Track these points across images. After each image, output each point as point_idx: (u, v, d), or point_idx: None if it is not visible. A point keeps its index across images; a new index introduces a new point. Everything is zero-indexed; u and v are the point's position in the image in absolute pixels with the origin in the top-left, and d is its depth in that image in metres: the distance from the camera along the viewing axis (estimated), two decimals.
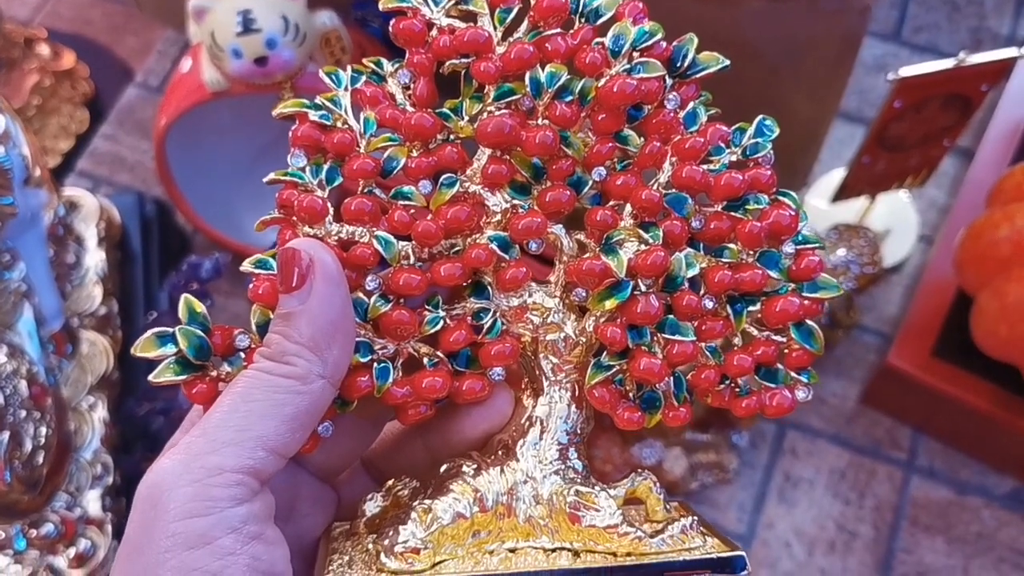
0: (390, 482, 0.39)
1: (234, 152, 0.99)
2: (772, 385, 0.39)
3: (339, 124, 0.38)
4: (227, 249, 0.95)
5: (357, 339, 0.37)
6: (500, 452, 0.39)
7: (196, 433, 0.33)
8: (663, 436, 0.91)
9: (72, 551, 0.77)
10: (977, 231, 0.85)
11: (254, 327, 0.37)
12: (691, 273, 0.38)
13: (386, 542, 0.35)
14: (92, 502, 0.79)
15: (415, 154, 0.38)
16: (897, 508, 0.94)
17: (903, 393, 0.94)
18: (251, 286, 0.36)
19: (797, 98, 0.81)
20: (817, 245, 0.39)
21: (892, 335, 0.98)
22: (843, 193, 0.93)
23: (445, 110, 0.39)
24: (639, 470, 0.39)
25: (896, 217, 1.04)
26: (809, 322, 0.39)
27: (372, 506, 0.39)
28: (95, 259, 0.89)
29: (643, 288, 0.37)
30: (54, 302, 0.83)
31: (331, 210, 0.37)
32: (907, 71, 0.78)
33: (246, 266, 0.37)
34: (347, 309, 0.35)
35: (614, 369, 0.38)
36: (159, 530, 0.31)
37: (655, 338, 0.38)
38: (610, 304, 0.37)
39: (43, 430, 0.74)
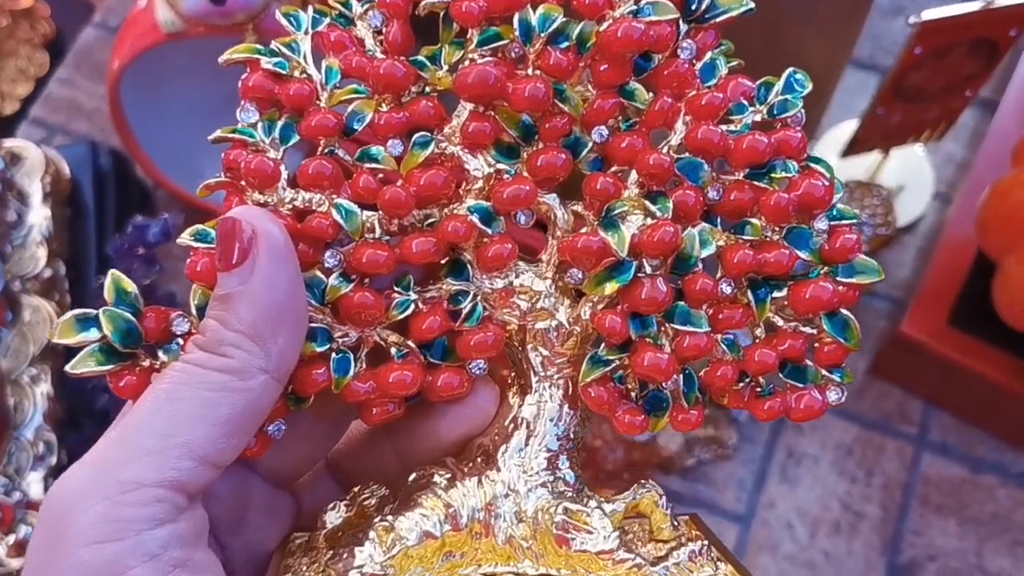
0: (355, 489, 0.34)
1: (196, 99, 0.90)
2: (799, 384, 0.33)
3: (297, 73, 0.33)
4: (190, 205, 0.89)
5: (313, 325, 0.32)
6: (479, 459, 0.33)
7: (110, 439, 0.28)
8: None
9: (11, 538, 0.72)
10: (1004, 190, 0.78)
11: (193, 309, 0.31)
12: (706, 252, 0.32)
13: (340, 565, 0.30)
14: (34, 484, 0.74)
15: (385, 109, 0.33)
16: (907, 487, 0.87)
17: (916, 364, 0.87)
18: (188, 262, 0.31)
19: (809, 43, 0.75)
20: (854, 220, 0.33)
21: (904, 301, 0.91)
22: (854, 147, 0.86)
23: (421, 58, 0.33)
24: (643, 481, 0.34)
25: (910, 173, 0.96)
26: (844, 311, 0.33)
27: (334, 516, 0.33)
28: (39, 217, 0.82)
29: (649, 269, 0.31)
30: None
31: (285, 173, 0.32)
32: (929, 14, 0.71)
33: (184, 239, 0.31)
34: (296, 289, 0.30)
35: (613, 364, 0.32)
36: (62, 557, 0.26)
37: (662, 328, 0.32)
38: (609, 288, 0.31)
39: None
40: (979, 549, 0.85)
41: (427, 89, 0.33)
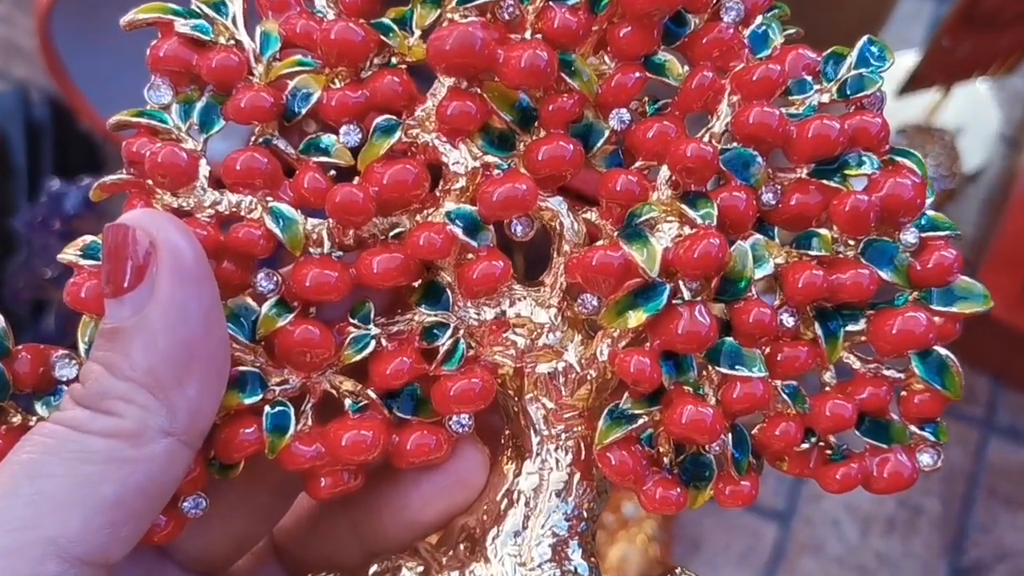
0: None
1: (146, 37, 0.80)
2: (882, 445, 0.25)
3: (223, 40, 0.25)
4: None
5: (241, 368, 0.24)
6: (462, 546, 0.25)
7: None
8: None
9: None
10: None
11: (82, 348, 0.24)
12: (761, 273, 0.25)
13: None
14: None
15: (338, 85, 0.25)
16: (971, 476, 0.79)
17: (983, 337, 0.78)
18: (69, 284, 0.23)
19: None
20: (952, 232, 0.26)
21: (970, 262, 0.83)
22: (913, 84, 0.77)
23: (386, 21, 0.26)
24: (677, 569, 0.26)
25: (972, 113, 0.86)
26: (940, 350, 0.25)
27: None
28: None
29: (687, 294, 0.24)
30: None
31: (205, 169, 0.24)
32: None
33: (66, 254, 0.24)
34: (213, 321, 0.22)
35: (640, 422, 0.24)
36: None
37: (704, 373, 0.24)
38: (635, 319, 0.24)
39: None
40: None
41: (393, 61, 0.26)
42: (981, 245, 0.81)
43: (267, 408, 0.24)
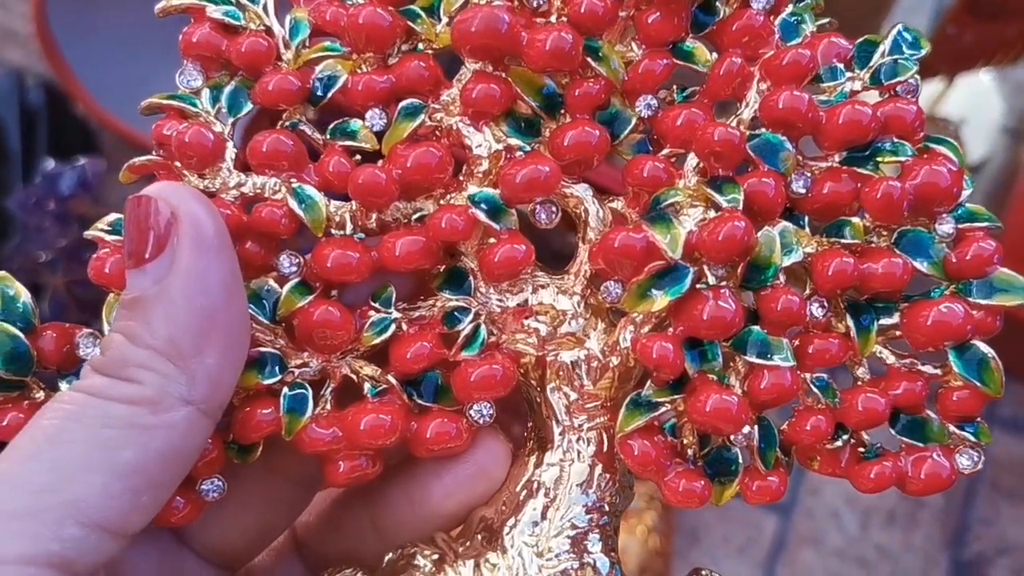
0: (326, 573, 0.25)
1: (142, 20, 0.76)
2: (918, 444, 0.24)
3: (253, 25, 0.25)
4: (138, 146, 0.73)
5: (261, 349, 0.24)
6: (480, 536, 0.25)
7: None
8: None
9: None
10: None
11: (106, 326, 0.24)
12: (789, 260, 0.24)
13: None
14: None
15: (364, 70, 0.25)
16: None
17: None
18: (92, 259, 0.24)
19: None
20: (991, 223, 0.25)
21: None
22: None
23: (414, 7, 0.26)
24: (699, 570, 0.25)
25: (975, 103, 0.84)
26: (979, 344, 0.24)
27: None
28: None
29: (712, 279, 0.23)
30: None
31: (232, 151, 0.24)
32: None
33: (94, 230, 0.24)
34: (233, 291, 0.22)
35: (663, 410, 0.24)
36: None
37: (730, 362, 0.24)
38: (658, 302, 0.23)
39: None
40: None
41: (420, 46, 0.26)
42: None
43: (285, 389, 0.24)
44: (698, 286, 0.23)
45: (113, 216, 0.24)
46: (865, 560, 0.74)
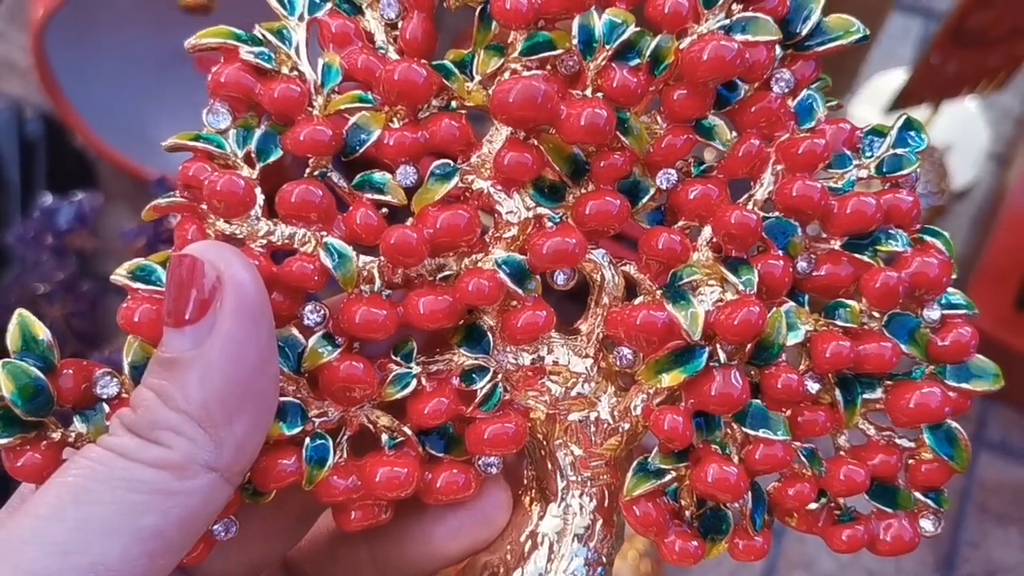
0: None
1: (139, 55, 0.77)
2: (887, 510, 0.27)
3: (285, 69, 0.25)
4: (135, 177, 0.76)
5: (284, 399, 0.24)
6: None
7: None
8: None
9: None
10: None
11: (127, 368, 0.24)
12: (793, 340, 0.25)
13: None
14: None
15: (396, 125, 0.25)
16: (962, 492, 0.78)
17: None
18: (123, 307, 0.24)
19: None
20: (970, 311, 0.27)
21: (959, 279, 0.81)
22: (902, 100, 0.76)
23: (446, 63, 0.26)
24: None
25: (961, 130, 0.86)
26: (951, 424, 0.26)
27: None
28: None
29: (723, 357, 0.24)
30: None
31: (260, 199, 0.24)
32: None
33: (118, 276, 0.24)
34: (268, 362, 0.22)
35: (668, 477, 0.25)
36: None
37: (728, 431, 0.25)
38: (672, 379, 0.24)
39: None
40: None
41: (453, 104, 0.26)
42: (970, 262, 0.81)
43: (307, 440, 0.24)
44: (711, 364, 0.24)
45: (134, 262, 0.24)
46: None
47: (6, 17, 0.93)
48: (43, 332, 0.23)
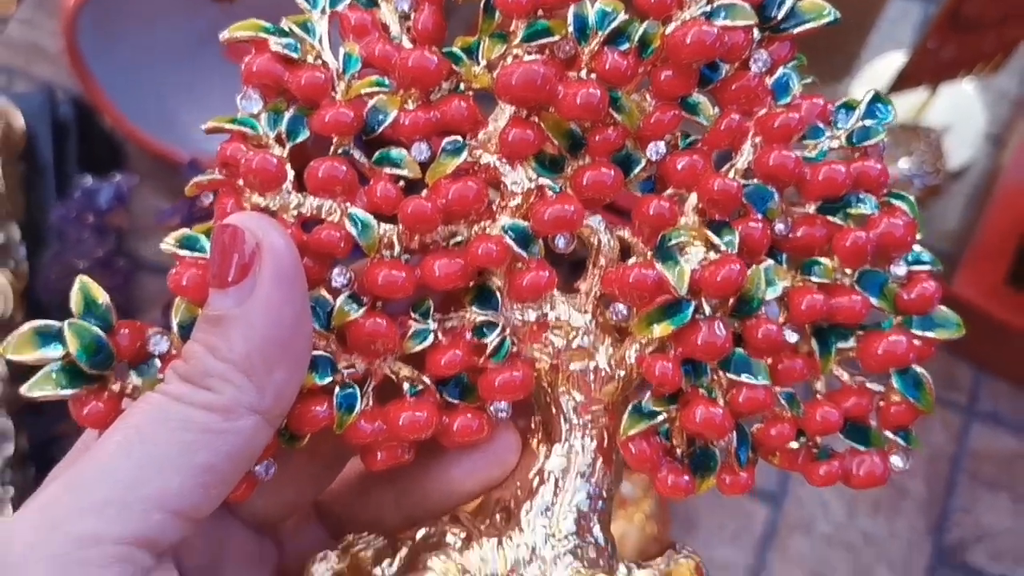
0: (348, 538, 0.29)
1: (166, 38, 0.80)
2: (860, 447, 0.29)
3: (310, 59, 0.28)
4: (163, 160, 0.79)
5: (316, 353, 0.27)
6: (499, 517, 0.29)
7: (65, 484, 0.23)
8: None
9: None
10: None
11: (175, 327, 0.27)
12: (772, 294, 0.28)
13: None
14: None
15: (411, 106, 0.28)
16: (954, 460, 0.80)
17: (966, 326, 0.79)
18: (172, 273, 0.26)
19: None
20: (934, 267, 0.30)
21: (953, 256, 0.82)
22: (901, 84, 0.77)
23: (455, 50, 0.29)
24: (678, 545, 0.30)
25: (958, 111, 0.87)
26: (917, 369, 0.29)
27: (323, 568, 0.29)
28: None
29: (708, 311, 0.27)
30: None
31: (291, 174, 0.27)
32: None
33: (167, 245, 0.27)
34: (302, 319, 0.25)
35: (660, 418, 0.28)
36: None
37: (715, 377, 0.28)
38: (662, 330, 0.27)
39: None
40: None
41: (461, 87, 0.29)
42: (965, 238, 0.82)
43: (337, 389, 0.27)
44: (697, 317, 0.27)
45: (180, 232, 0.27)
46: (852, 545, 0.77)
47: (34, 3, 0.96)
48: (102, 296, 0.26)
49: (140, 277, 0.77)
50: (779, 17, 0.29)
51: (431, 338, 0.28)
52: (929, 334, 0.29)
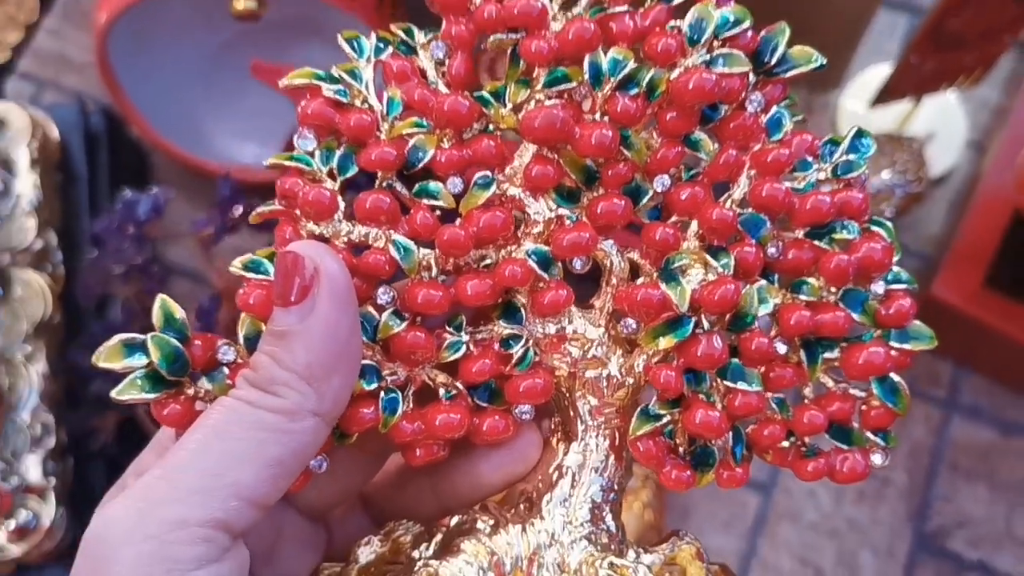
0: (390, 525, 0.33)
1: (191, 53, 0.85)
2: (844, 447, 0.33)
3: (358, 102, 0.32)
4: (189, 169, 0.84)
5: (363, 362, 0.31)
6: (522, 506, 0.33)
7: (156, 475, 0.27)
8: None
9: (11, 523, 0.69)
10: None
11: (241, 339, 0.31)
12: (764, 311, 0.32)
13: None
14: (32, 468, 0.70)
15: (446, 145, 0.32)
16: (935, 451, 0.83)
17: (947, 326, 0.78)
18: (241, 293, 0.30)
19: None
20: (910, 285, 0.33)
21: (935, 259, 0.86)
22: (885, 96, 0.80)
23: (484, 94, 0.32)
24: (681, 532, 0.33)
25: (941, 120, 0.90)
26: (894, 376, 0.33)
27: (367, 551, 0.33)
28: (27, 184, 0.76)
29: (706, 325, 0.31)
30: None
31: (341, 205, 0.31)
32: None
33: (235, 267, 0.31)
34: (355, 334, 0.29)
35: (664, 420, 0.32)
36: None
37: (714, 384, 0.32)
38: (666, 342, 0.31)
39: None
40: (1009, 515, 0.81)
41: (490, 127, 0.33)
42: (948, 241, 0.84)
43: (382, 394, 0.31)
44: (697, 331, 0.31)
45: (246, 257, 0.31)
46: (837, 532, 0.81)
47: (60, 15, 0.99)
48: (179, 312, 0.30)
49: (173, 283, 0.80)
50: (772, 63, 0.32)
51: (464, 349, 0.32)
52: (905, 346, 0.33)
